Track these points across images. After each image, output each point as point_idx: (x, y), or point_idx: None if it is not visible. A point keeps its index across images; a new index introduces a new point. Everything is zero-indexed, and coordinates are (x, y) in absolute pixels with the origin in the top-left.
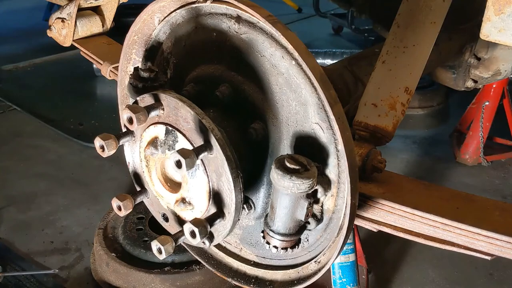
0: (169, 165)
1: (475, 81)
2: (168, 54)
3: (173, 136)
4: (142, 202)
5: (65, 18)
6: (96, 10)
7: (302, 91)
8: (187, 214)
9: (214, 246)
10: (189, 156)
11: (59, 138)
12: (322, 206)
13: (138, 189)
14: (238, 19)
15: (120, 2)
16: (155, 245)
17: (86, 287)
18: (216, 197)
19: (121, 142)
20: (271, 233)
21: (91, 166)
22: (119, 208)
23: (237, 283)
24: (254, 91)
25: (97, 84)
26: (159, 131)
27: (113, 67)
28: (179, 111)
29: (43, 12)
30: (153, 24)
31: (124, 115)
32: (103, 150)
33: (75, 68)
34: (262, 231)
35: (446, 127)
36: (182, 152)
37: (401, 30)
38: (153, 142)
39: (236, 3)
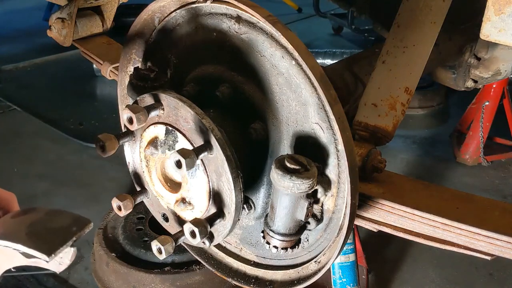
0: (169, 165)
1: (475, 81)
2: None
3: (173, 136)
4: (142, 202)
5: (65, 18)
6: (96, 10)
7: (302, 91)
8: (187, 214)
9: (214, 246)
10: (189, 156)
11: (59, 138)
12: (322, 206)
13: (138, 189)
14: (238, 19)
15: (120, 2)
16: (155, 245)
17: (86, 287)
18: (216, 197)
19: (121, 142)
20: (271, 233)
21: (91, 166)
22: (119, 208)
23: (237, 283)
24: (254, 91)
25: (97, 84)
26: (159, 131)
27: (113, 67)
28: (179, 111)
29: (43, 12)
30: (153, 24)
31: (124, 115)
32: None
33: (75, 68)
34: (262, 231)
35: (446, 127)
36: (182, 152)
37: (401, 30)
38: (153, 142)
39: (236, 3)
